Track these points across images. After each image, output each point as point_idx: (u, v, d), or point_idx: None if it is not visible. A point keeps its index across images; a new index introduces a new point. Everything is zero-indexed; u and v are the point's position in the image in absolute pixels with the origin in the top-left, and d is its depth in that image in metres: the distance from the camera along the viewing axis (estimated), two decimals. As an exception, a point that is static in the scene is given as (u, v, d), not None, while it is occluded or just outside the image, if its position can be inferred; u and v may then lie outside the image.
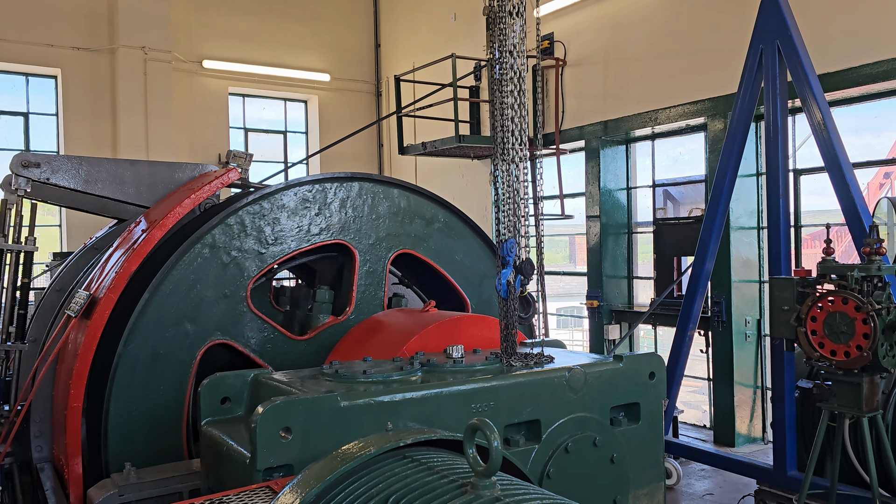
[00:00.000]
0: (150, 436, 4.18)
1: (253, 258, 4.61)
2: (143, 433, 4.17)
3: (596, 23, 10.53)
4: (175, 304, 4.31)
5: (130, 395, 4.15)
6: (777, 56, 6.08)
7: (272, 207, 4.69)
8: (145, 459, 3.98)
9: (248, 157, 5.77)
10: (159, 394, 4.24)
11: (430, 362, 3.43)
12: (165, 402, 4.26)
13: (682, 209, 10.25)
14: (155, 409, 4.22)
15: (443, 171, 13.16)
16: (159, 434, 4.21)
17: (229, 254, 4.52)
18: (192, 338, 4.36)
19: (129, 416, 4.14)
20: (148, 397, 4.20)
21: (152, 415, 4.20)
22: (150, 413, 4.20)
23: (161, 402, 4.24)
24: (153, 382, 4.22)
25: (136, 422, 4.15)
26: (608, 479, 3.41)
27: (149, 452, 4.10)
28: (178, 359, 4.31)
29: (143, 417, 4.18)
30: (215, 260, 4.46)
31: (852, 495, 5.19)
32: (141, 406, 4.18)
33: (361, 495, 1.88)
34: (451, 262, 5.41)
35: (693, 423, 9.99)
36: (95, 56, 12.59)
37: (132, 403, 4.15)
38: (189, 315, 4.35)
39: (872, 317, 4.35)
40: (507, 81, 3.75)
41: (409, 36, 14.83)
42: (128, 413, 4.14)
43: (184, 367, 4.32)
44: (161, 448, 4.18)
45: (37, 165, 4.90)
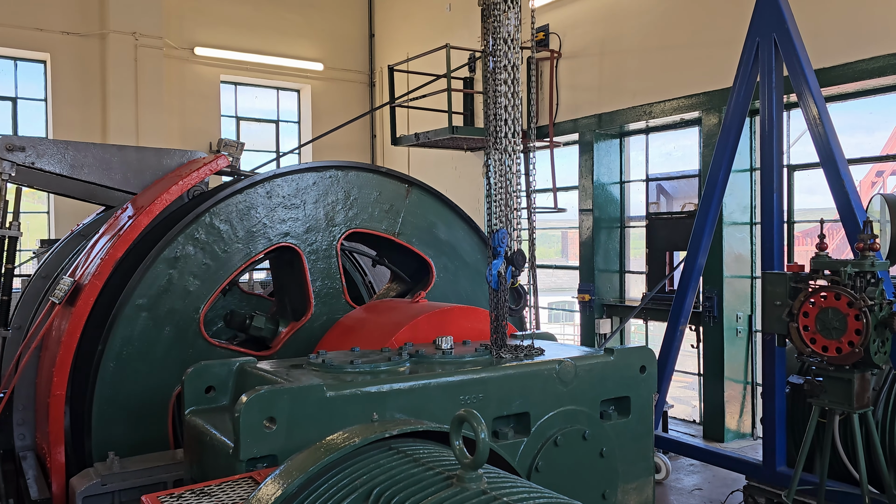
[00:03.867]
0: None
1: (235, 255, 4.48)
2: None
3: (591, 15, 10.47)
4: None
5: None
6: (773, 50, 6.04)
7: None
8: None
9: (239, 146, 5.71)
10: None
11: (418, 353, 3.39)
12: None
13: (675, 204, 10.24)
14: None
15: (436, 162, 13.10)
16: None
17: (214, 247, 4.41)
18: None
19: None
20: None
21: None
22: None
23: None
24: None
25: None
26: (597, 473, 3.38)
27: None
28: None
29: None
30: (205, 245, 4.37)
31: (841, 491, 5.19)
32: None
33: (345, 487, 1.84)
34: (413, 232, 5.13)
35: (683, 419, 10.01)
36: (85, 41, 12.45)
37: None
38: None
39: (865, 313, 4.33)
40: (500, 70, 3.71)
41: (404, 26, 14.74)
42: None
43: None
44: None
45: (21, 149, 4.82)
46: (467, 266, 5.34)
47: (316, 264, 4.70)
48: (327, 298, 4.70)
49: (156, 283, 4.22)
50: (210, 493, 2.29)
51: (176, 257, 4.26)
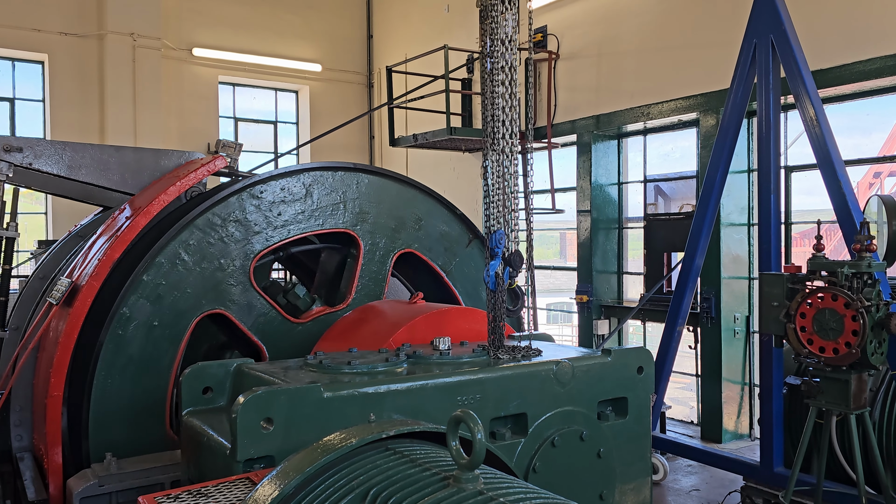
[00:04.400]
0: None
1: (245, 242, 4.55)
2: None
3: (589, 16, 10.48)
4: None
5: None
6: (771, 51, 6.05)
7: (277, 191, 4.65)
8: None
9: (237, 147, 5.72)
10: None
11: (416, 354, 3.39)
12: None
13: (672, 205, 10.25)
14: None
15: (434, 163, 13.10)
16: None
17: (222, 237, 4.46)
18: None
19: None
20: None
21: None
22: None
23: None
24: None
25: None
26: (595, 474, 3.39)
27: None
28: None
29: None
30: (204, 246, 4.39)
31: (838, 492, 5.20)
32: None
33: (342, 487, 1.84)
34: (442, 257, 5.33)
35: (680, 419, 10.01)
36: (83, 42, 12.44)
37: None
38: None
39: (862, 314, 4.33)
40: (498, 71, 3.71)
41: (402, 27, 14.75)
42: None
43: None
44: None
45: (19, 150, 4.81)
46: None
47: (369, 265, 4.97)
48: (364, 298, 4.90)
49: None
50: (207, 493, 2.29)
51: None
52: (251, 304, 4.55)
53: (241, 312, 4.51)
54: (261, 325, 4.58)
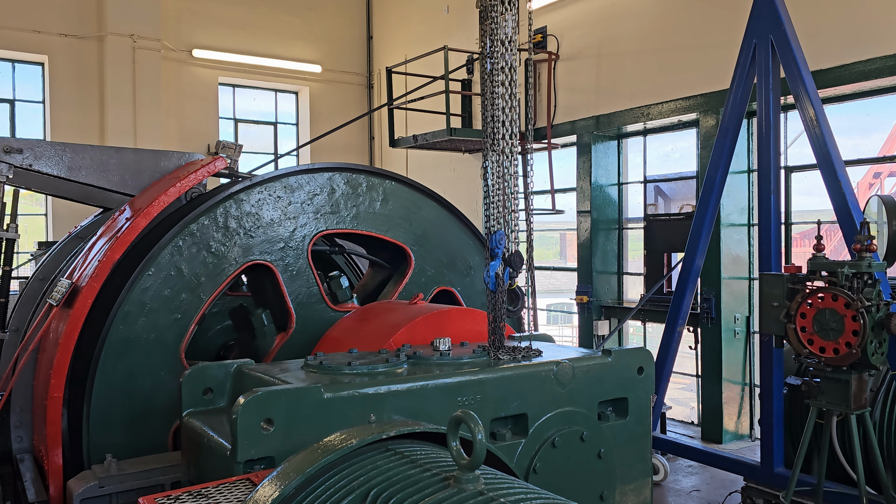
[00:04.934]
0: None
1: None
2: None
3: (589, 17, 10.49)
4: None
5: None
6: (770, 51, 6.05)
7: None
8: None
9: (237, 148, 5.72)
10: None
11: (416, 354, 3.39)
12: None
13: (672, 205, 10.25)
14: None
15: (434, 164, 13.10)
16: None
17: (217, 241, 4.45)
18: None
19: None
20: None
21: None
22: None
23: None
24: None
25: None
26: (595, 475, 3.38)
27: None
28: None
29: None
30: (202, 246, 4.38)
31: (839, 492, 5.19)
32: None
33: (342, 488, 1.84)
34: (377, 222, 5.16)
35: (681, 420, 10.01)
36: (83, 43, 12.44)
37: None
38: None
39: (862, 314, 4.33)
40: (498, 72, 3.71)
41: (402, 28, 14.75)
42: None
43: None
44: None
45: (19, 151, 4.81)
46: None
47: (411, 286, 5.12)
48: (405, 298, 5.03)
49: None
50: (207, 494, 2.29)
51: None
52: (300, 272, 4.66)
53: (288, 276, 4.64)
54: (300, 295, 4.67)
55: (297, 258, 4.71)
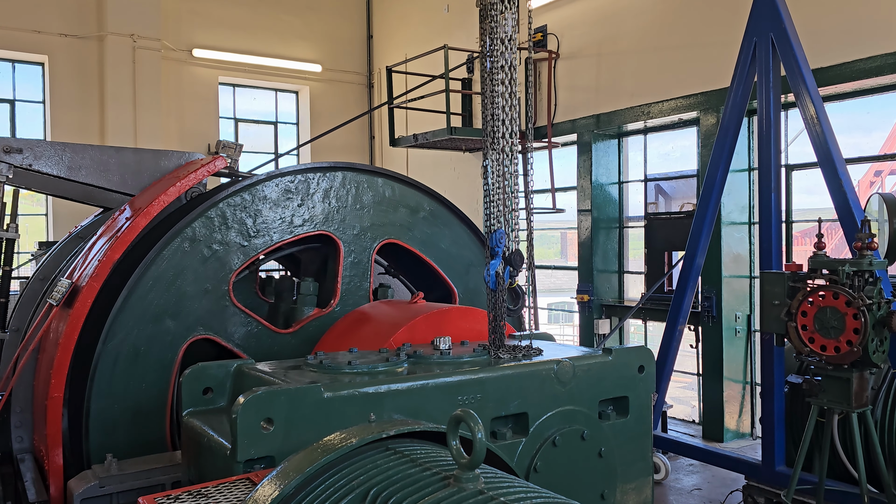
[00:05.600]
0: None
1: (235, 251, 4.53)
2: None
3: (589, 15, 10.47)
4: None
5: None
6: (771, 49, 6.04)
7: (253, 199, 4.61)
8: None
9: (237, 148, 5.72)
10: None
11: (416, 354, 3.39)
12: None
13: (673, 204, 10.23)
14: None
15: (434, 163, 13.09)
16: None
17: (210, 247, 4.44)
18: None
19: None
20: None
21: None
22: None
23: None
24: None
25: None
26: (596, 473, 3.38)
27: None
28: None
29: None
30: (196, 254, 4.37)
31: (840, 491, 5.18)
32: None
33: (342, 487, 1.84)
34: (437, 251, 5.36)
35: (682, 419, 10.00)
36: (83, 43, 12.44)
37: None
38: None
39: (863, 312, 4.32)
40: (498, 70, 3.70)
41: (402, 27, 14.74)
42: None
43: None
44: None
45: (19, 151, 4.81)
46: None
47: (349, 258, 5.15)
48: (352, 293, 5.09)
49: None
50: (207, 494, 2.29)
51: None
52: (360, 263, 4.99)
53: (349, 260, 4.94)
54: (351, 282, 4.92)
55: (363, 251, 4.99)
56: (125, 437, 4.08)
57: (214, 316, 4.44)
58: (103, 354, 4.05)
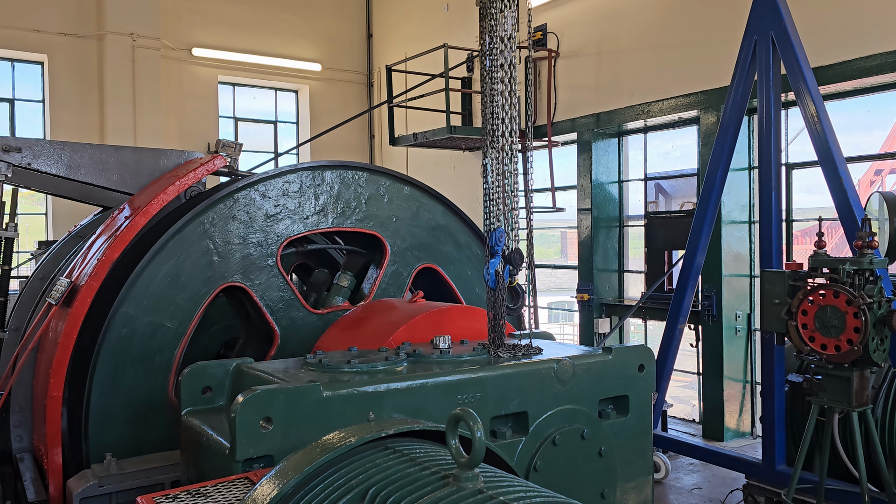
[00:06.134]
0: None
1: (297, 220, 4.72)
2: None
3: (589, 14, 10.46)
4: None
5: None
6: (771, 47, 6.03)
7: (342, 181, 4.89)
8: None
9: (237, 147, 5.70)
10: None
11: (416, 353, 3.38)
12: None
13: (673, 203, 10.23)
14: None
15: (434, 162, 13.09)
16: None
17: (277, 205, 4.62)
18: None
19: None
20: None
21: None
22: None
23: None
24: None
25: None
26: (596, 473, 3.37)
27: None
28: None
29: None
30: (260, 209, 4.56)
31: (841, 490, 5.18)
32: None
33: (341, 486, 1.83)
34: (470, 293, 5.45)
35: (682, 418, 9.99)
36: (83, 42, 12.43)
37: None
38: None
39: (864, 310, 4.32)
40: (497, 69, 3.70)
41: (402, 26, 14.73)
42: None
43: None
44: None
45: (18, 150, 4.81)
46: None
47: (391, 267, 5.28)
48: None
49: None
50: (206, 493, 2.28)
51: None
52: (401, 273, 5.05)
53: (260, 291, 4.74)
54: (388, 278, 5.05)
55: (406, 265, 5.11)
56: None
57: (255, 270, 4.56)
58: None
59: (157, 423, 4.18)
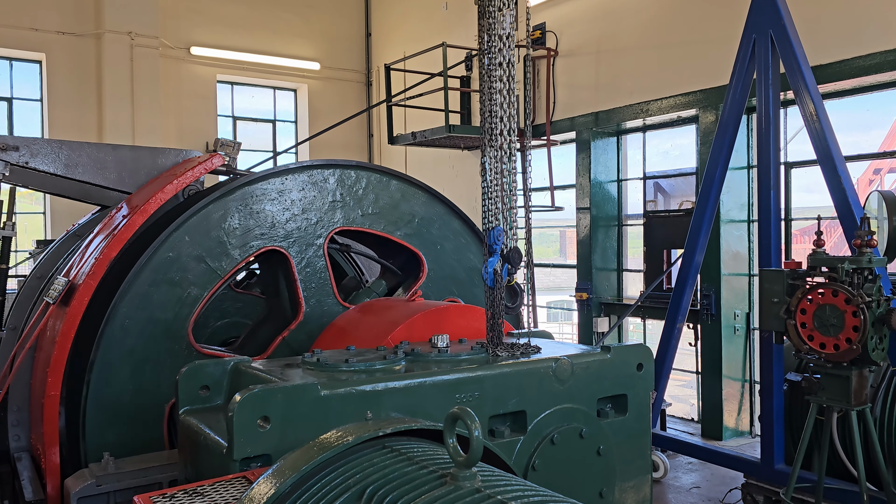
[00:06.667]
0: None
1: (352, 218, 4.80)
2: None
3: (588, 13, 10.45)
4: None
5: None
6: (770, 47, 6.03)
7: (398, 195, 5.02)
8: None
9: (236, 146, 5.69)
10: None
11: (414, 352, 3.37)
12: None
13: (672, 202, 10.23)
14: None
15: (433, 161, 13.08)
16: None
17: (335, 194, 4.68)
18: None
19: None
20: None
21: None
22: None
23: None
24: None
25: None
26: (594, 472, 3.36)
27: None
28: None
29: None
30: (323, 191, 4.63)
31: (839, 489, 5.18)
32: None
33: (338, 486, 1.82)
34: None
35: (681, 417, 9.99)
36: (81, 41, 12.41)
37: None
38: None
39: (862, 309, 4.31)
40: (496, 68, 3.69)
41: (400, 25, 14.72)
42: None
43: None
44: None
45: (15, 149, 4.80)
46: None
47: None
48: None
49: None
50: (203, 492, 2.27)
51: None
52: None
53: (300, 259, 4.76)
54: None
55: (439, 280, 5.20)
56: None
57: (303, 244, 4.67)
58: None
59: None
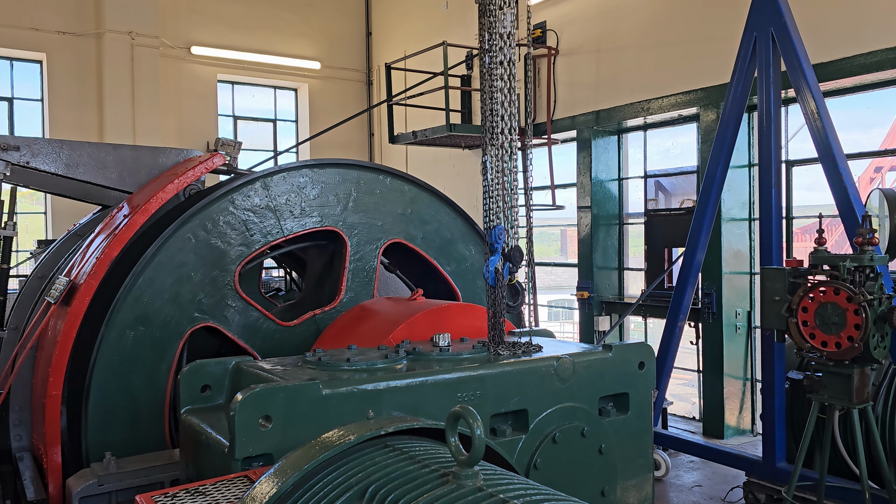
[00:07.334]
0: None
1: (239, 244, 4.52)
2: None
3: (588, 11, 10.44)
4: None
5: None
6: (771, 44, 6.02)
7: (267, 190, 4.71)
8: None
9: (236, 145, 5.69)
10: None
11: (415, 350, 3.37)
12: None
13: (673, 200, 10.21)
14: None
15: (433, 160, 13.07)
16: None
17: (218, 238, 4.45)
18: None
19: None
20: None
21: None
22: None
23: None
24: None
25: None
26: (596, 470, 3.36)
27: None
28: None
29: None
30: (202, 244, 4.36)
31: (841, 487, 5.18)
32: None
33: (340, 485, 1.82)
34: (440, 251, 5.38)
35: (682, 415, 9.99)
36: (81, 41, 12.41)
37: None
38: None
39: (864, 307, 4.31)
40: (496, 66, 3.69)
41: (401, 24, 14.71)
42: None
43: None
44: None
45: (16, 149, 4.79)
46: None
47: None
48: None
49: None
50: (205, 492, 2.27)
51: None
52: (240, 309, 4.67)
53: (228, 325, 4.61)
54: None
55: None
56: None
57: (364, 241, 4.90)
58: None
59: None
